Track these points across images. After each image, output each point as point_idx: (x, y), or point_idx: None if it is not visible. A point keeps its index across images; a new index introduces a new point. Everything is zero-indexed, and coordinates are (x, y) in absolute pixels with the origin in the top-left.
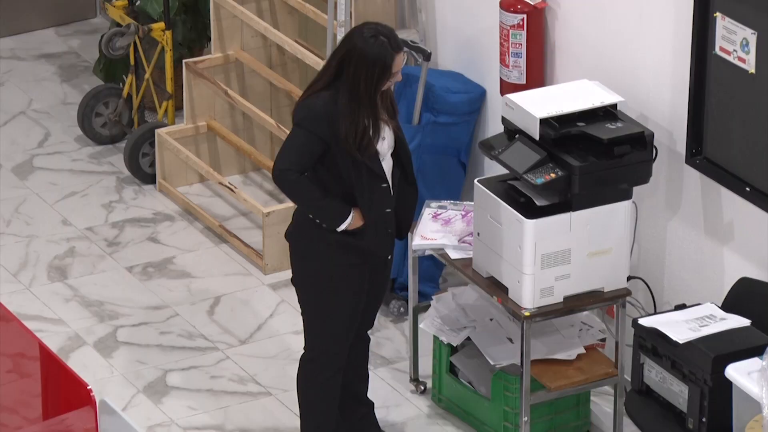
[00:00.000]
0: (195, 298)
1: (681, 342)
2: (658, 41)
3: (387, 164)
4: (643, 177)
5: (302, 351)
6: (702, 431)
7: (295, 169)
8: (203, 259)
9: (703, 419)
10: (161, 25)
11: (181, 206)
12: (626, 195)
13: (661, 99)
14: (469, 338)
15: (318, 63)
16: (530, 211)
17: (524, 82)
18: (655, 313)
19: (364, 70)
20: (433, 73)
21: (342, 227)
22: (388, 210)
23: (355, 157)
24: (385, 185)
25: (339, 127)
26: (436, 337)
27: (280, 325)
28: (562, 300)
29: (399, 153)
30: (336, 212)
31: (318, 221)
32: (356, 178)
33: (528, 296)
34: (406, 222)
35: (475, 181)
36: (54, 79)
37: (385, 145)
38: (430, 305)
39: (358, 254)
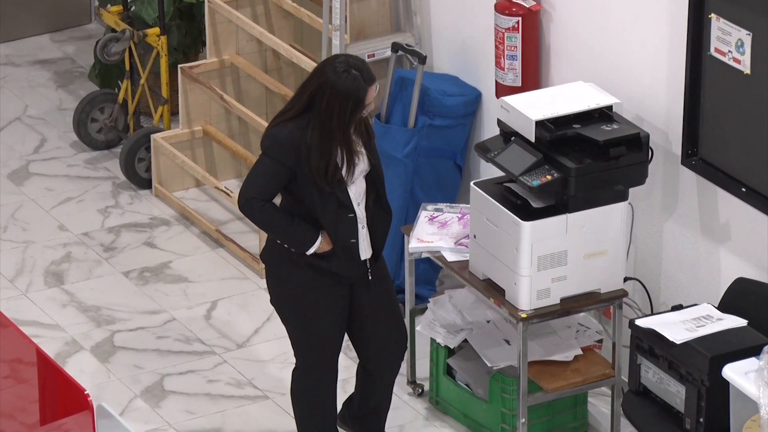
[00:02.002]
0: (192, 303)
1: (678, 342)
2: (654, 43)
3: (359, 187)
4: (639, 178)
5: None
6: (699, 431)
7: (260, 197)
8: (200, 264)
9: (701, 419)
10: (156, 30)
11: (177, 211)
12: (622, 196)
13: (656, 100)
14: (466, 340)
15: (313, 67)
16: (526, 213)
17: (519, 84)
18: (652, 313)
19: (336, 105)
20: (428, 76)
21: (311, 251)
22: (353, 240)
23: (325, 189)
24: (351, 215)
25: (308, 158)
26: (433, 340)
27: (276, 328)
28: (558, 302)
29: (373, 178)
30: (304, 237)
31: (286, 246)
32: (321, 207)
33: (525, 298)
34: (378, 246)
35: (471, 183)
36: (49, 85)
37: (357, 170)
38: (426, 308)
39: (328, 275)
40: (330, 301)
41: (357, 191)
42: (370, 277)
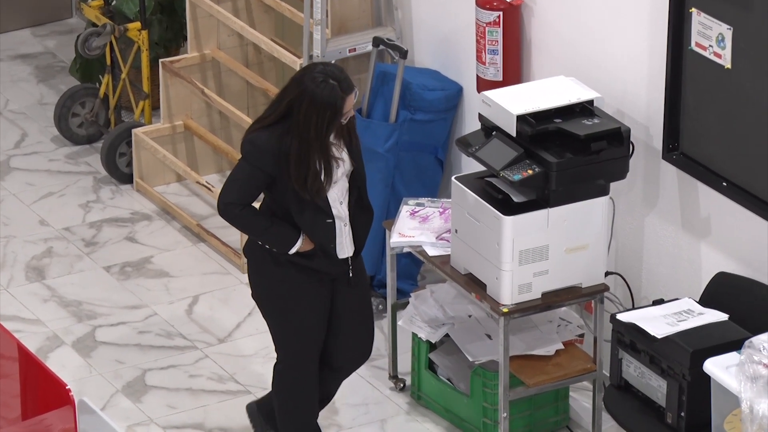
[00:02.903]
0: (173, 297)
1: (659, 337)
2: (635, 37)
3: (341, 186)
4: (620, 173)
5: None
6: (681, 426)
7: (238, 202)
8: (181, 259)
9: (682, 414)
10: (137, 24)
11: (158, 206)
12: (603, 191)
13: (637, 95)
14: (447, 335)
15: (294, 62)
16: (508, 207)
17: (501, 79)
18: (633, 308)
19: (314, 115)
20: (409, 70)
21: (292, 251)
22: (332, 245)
23: (304, 197)
24: (330, 221)
25: (287, 166)
26: (414, 334)
27: (258, 323)
28: (540, 296)
29: (355, 179)
30: (285, 238)
31: (268, 247)
32: (298, 212)
33: (506, 292)
34: (359, 244)
35: (453, 178)
36: (30, 79)
37: (337, 173)
38: (408, 302)
39: (309, 273)
40: (312, 297)
41: (339, 190)
42: (351, 274)
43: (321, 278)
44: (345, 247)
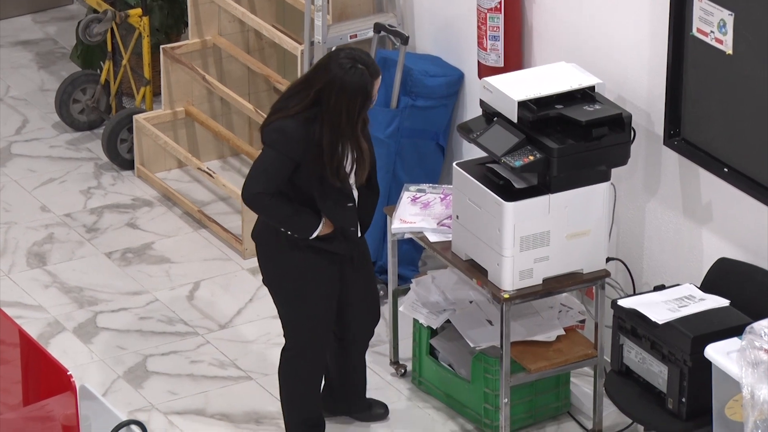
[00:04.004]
0: (174, 284)
1: (660, 323)
2: (636, 23)
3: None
4: (622, 159)
5: (282, 336)
6: (682, 411)
7: (267, 192)
8: (182, 245)
9: (683, 399)
10: (138, 11)
11: (159, 192)
12: (604, 177)
13: (638, 81)
14: (448, 321)
15: (296, 48)
16: (509, 193)
17: (502, 65)
18: (634, 294)
19: (345, 101)
20: (410, 56)
21: (313, 236)
22: (353, 229)
23: (334, 184)
24: (351, 204)
25: (316, 153)
26: (415, 320)
27: (259, 309)
28: (541, 282)
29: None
30: (307, 224)
31: (289, 233)
32: (321, 198)
33: (507, 278)
34: (365, 223)
35: (454, 164)
36: (31, 66)
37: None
38: (409, 288)
39: (323, 255)
40: (326, 281)
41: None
42: (354, 255)
43: (333, 260)
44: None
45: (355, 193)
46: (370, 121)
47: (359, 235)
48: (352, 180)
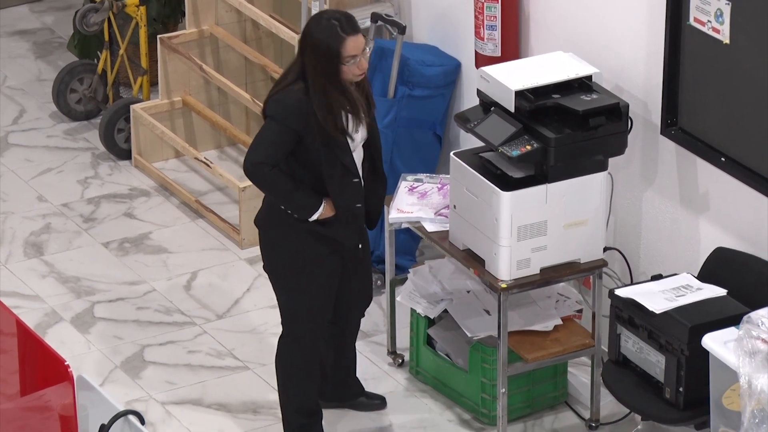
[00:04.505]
0: (172, 274)
1: (657, 312)
2: (633, 12)
3: (357, 155)
4: (619, 148)
5: (280, 325)
6: (679, 401)
7: (267, 162)
8: (180, 235)
9: (680, 389)
10: (135, 0)
11: (156, 182)
12: (602, 166)
13: (635, 70)
14: (446, 310)
15: (293, 38)
16: (506, 183)
17: (499, 54)
18: (632, 283)
19: (314, 56)
20: (408, 46)
21: (314, 217)
22: (359, 205)
23: (337, 138)
24: (356, 180)
25: (315, 122)
26: (413, 310)
27: (257, 299)
28: (538, 271)
29: (370, 146)
30: (308, 203)
31: (289, 212)
32: (328, 172)
33: (504, 268)
34: (374, 213)
35: (451, 153)
36: (28, 55)
37: (357, 137)
38: (407, 278)
39: (327, 243)
40: (326, 270)
41: (357, 158)
42: (360, 245)
43: (336, 249)
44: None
45: (359, 165)
46: None
47: (367, 226)
48: (358, 137)
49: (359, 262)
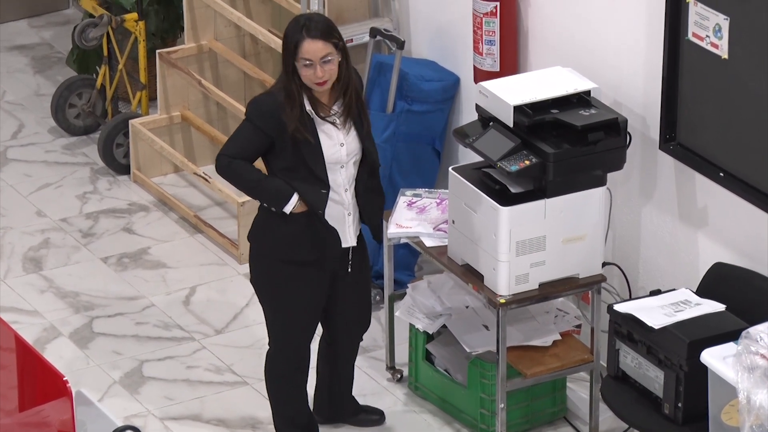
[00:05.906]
0: (170, 289)
1: (656, 327)
2: (631, 28)
3: (349, 172)
4: (617, 163)
5: None
6: (678, 416)
7: (229, 155)
8: (178, 250)
9: (679, 404)
10: (134, 15)
11: (155, 197)
12: (600, 181)
13: (634, 85)
14: (444, 326)
15: None
16: (505, 198)
17: (498, 69)
18: (630, 299)
19: (283, 51)
20: (406, 61)
21: (288, 208)
22: (321, 211)
23: (304, 137)
24: (324, 191)
25: (285, 126)
26: (411, 325)
27: (255, 314)
28: (537, 287)
29: (366, 163)
30: (279, 193)
31: (265, 204)
32: (293, 178)
33: (503, 283)
34: (377, 228)
35: (450, 168)
36: (27, 70)
37: (342, 152)
38: (405, 293)
39: (310, 251)
40: (309, 292)
41: (346, 177)
42: (350, 269)
43: (324, 269)
44: (348, 237)
45: (348, 200)
46: None
47: (351, 245)
48: (339, 182)
49: (354, 285)
